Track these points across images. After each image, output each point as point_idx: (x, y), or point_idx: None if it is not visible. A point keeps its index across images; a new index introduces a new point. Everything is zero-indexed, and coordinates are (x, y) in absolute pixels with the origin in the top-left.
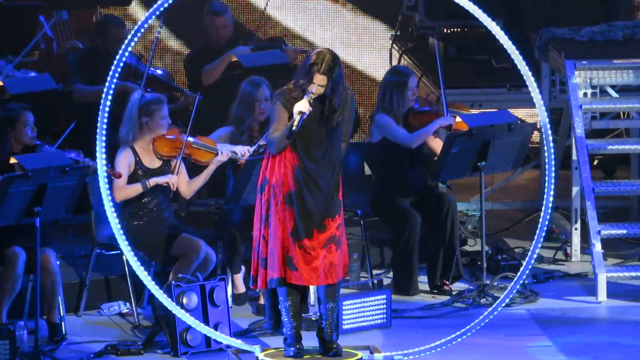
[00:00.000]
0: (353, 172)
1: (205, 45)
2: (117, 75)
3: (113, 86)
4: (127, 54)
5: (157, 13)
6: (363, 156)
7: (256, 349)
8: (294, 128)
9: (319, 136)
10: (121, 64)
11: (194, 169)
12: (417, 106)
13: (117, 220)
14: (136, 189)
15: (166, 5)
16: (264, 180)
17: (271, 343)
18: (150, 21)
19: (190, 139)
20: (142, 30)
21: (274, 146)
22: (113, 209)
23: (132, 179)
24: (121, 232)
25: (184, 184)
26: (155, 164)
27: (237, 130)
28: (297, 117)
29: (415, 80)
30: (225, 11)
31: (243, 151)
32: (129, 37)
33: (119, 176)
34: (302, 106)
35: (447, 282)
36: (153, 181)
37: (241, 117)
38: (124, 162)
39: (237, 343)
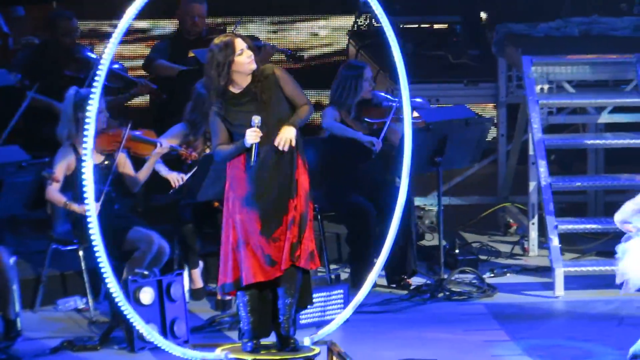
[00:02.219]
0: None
1: (177, 34)
2: None
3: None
4: None
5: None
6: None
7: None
8: (252, 163)
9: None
10: None
11: (140, 162)
12: (375, 94)
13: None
14: (58, 201)
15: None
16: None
17: (228, 339)
18: None
19: (130, 132)
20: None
21: (223, 159)
22: None
23: (75, 177)
24: None
25: (129, 176)
26: (98, 159)
27: (191, 134)
28: (252, 150)
29: (370, 72)
30: (203, 0)
31: (177, 178)
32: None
33: (57, 181)
34: (253, 137)
35: (405, 277)
36: (72, 207)
37: (195, 124)
38: (62, 164)
39: None
